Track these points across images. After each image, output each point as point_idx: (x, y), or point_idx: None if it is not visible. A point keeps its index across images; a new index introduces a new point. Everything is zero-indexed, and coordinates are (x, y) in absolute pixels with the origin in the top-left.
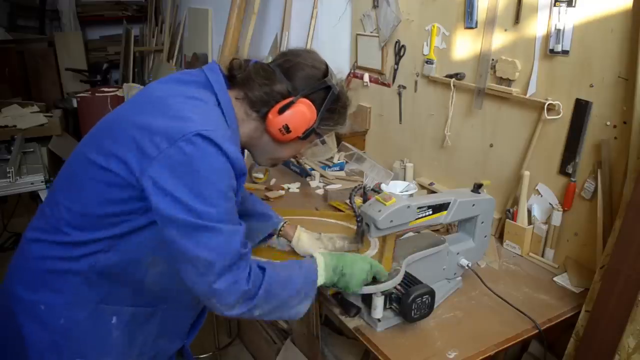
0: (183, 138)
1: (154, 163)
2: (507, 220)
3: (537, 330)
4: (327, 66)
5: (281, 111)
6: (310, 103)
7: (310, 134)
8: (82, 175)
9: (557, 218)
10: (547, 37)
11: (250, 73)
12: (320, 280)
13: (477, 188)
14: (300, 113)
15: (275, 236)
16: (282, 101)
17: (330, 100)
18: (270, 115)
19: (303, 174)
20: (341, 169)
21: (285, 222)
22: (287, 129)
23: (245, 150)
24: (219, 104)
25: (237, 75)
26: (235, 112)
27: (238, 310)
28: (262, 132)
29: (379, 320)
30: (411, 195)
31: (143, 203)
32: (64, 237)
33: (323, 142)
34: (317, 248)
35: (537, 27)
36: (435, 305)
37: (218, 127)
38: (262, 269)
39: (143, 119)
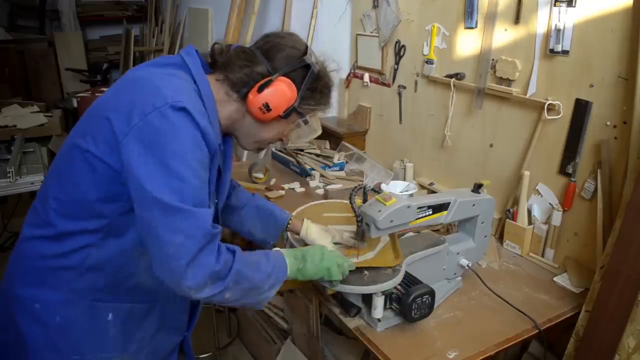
0: (154, 111)
1: (126, 139)
2: (507, 220)
3: (537, 330)
4: (307, 47)
5: (260, 89)
6: (290, 82)
7: (291, 112)
8: (68, 164)
9: (557, 218)
10: (547, 37)
11: (231, 56)
12: (288, 269)
13: (477, 188)
14: (280, 91)
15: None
16: (262, 80)
17: (311, 79)
18: (250, 95)
19: (303, 174)
20: (341, 169)
21: (291, 217)
22: (267, 107)
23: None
24: (194, 82)
25: (219, 59)
26: (215, 94)
27: (208, 292)
28: (243, 114)
29: (379, 320)
30: (411, 195)
31: (126, 186)
32: (54, 230)
33: (306, 122)
34: (326, 239)
35: (537, 27)
36: (435, 305)
37: (190, 99)
38: (232, 251)
39: (117, 99)
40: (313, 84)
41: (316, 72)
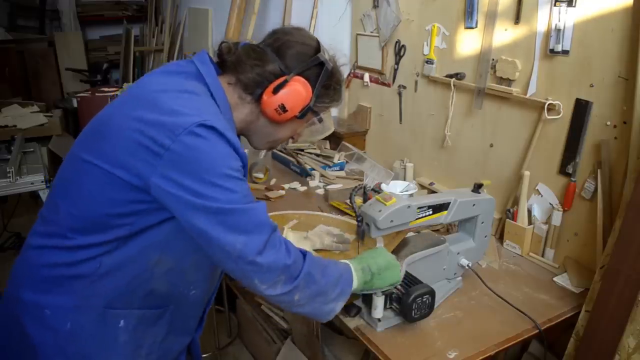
0: (185, 132)
1: (162, 162)
2: (507, 220)
3: (537, 330)
4: (318, 42)
5: (276, 91)
6: (305, 81)
7: (307, 112)
8: (80, 178)
9: (557, 218)
10: (547, 37)
11: (240, 56)
12: (355, 282)
13: (477, 188)
14: (296, 91)
15: None
16: (276, 81)
17: (325, 77)
18: (264, 97)
19: (303, 173)
20: (341, 169)
21: None
22: (283, 108)
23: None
24: (211, 94)
25: (227, 59)
26: (228, 99)
27: (280, 290)
28: (257, 115)
29: (379, 320)
30: (411, 195)
31: (151, 203)
32: (69, 242)
33: (320, 121)
34: (306, 247)
35: (537, 26)
36: (436, 305)
37: (215, 116)
38: (303, 252)
39: (138, 117)
40: (327, 82)
41: (330, 70)
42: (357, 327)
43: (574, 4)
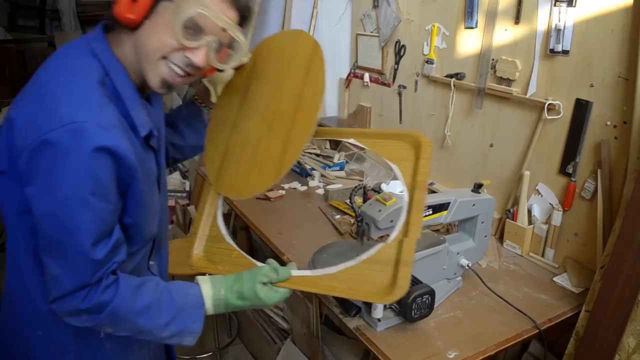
0: (47, 134)
1: (21, 158)
2: (507, 220)
3: (537, 330)
4: None
5: None
6: None
7: None
8: None
9: (557, 218)
10: (547, 37)
11: None
12: (209, 311)
13: (477, 188)
14: None
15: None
16: None
17: None
18: (114, 6)
19: (303, 173)
20: (341, 169)
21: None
22: None
23: None
24: (107, 74)
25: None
26: (125, 57)
27: (80, 322)
28: (129, 36)
29: (379, 320)
30: None
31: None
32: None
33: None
34: None
35: (537, 26)
36: (435, 305)
37: (93, 110)
38: (115, 288)
39: (14, 111)
40: None
41: None
42: (357, 327)
43: (574, 4)
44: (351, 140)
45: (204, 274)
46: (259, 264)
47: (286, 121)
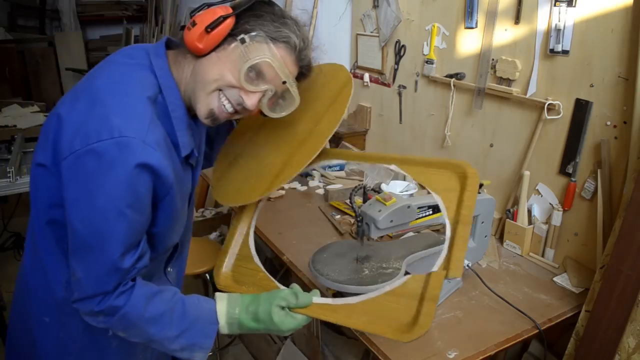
0: (96, 143)
1: (65, 162)
2: (507, 220)
3: (537, 330)
4: None
5: (194, 22)
6: (227, 7)
7: (218, 22)
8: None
9: (557, 218)
10: (547, 37)
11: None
12: (223, 329)
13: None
14: (211, 11)
15: None
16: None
17: (252, 2)
18: (186, 30)
19: (303, 173)
20: (341, 169)
21: None
22: (193, 24)
23: None
24: (160, 91)
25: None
26: (180, 78)
27: (97, 322)
28: (191, 61)
29: None
30: (411, 195)
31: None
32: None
33: (242, 42)
34: None
35: (537, 26)
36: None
37: (142, 127)
38: (127, 296)
39: (65, 109)
40: (258, 10)
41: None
42: None
43: (574, 4)
44: (392, 167)
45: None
46: (282, 287)
47: (295, 143)
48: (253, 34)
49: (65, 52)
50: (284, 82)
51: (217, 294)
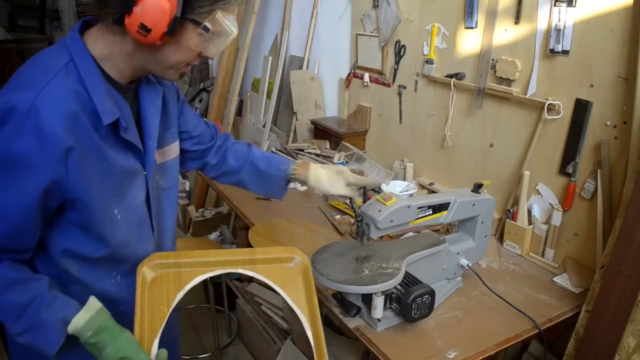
0: None
1: None
2: (507, 220)
3: (537, 330)
4: None
5: (129, 9)
6: None
7: (176, 24)
8: None
9: (557, 218)
10: (547, 37)
11: None
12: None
13: (477, 188)
14: (151, 4)
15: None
16: None
17: None
18: (126, 21)
19: None
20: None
21: (295, 167)
22: (144, 28)
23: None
24: (72, 60)
25: (94, 5)
26: (102, 50)
27: None
28: (134, 45)
29: (379, 320)
30: (411, 195)
31: None
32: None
33: (206, 30)
34: (339, 184)
35: (537, 26)
36: (435, 305)
37: (32, 94)
38: None
39: None
40: None
41: None
42: (357, 327)
43: (574, 4)
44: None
45: None
46: (155, 348)
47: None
48: (208, 16)
49: None
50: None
51: (91, 300)
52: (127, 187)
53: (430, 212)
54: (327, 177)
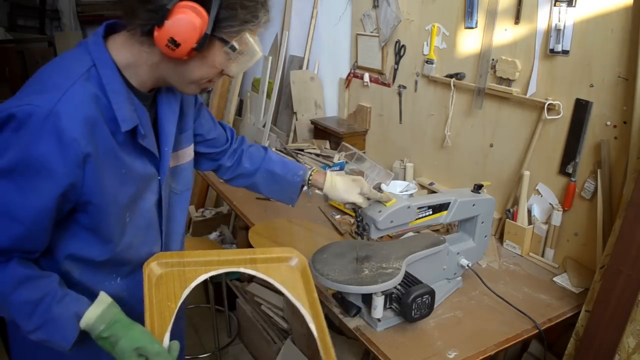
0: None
1: None
2: (507, 220)
3: (537, 330)
4: None
5: (161, 23)
6: (195, 5)
7: (205, 41)
8: None
9: (557, 218)
10: (547, 37)
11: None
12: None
13: (477, 188)
14: (183, 20)
15: (305, 187)
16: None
17: None
18: (156, 33)
19: None
20: (341, 169)
21: (311, 174)
22: (174, 42)
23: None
24: (94, 65)
25: (121, 14)
26: (126, 58)
27: None
28: (160, 57)
29: (379, 320)
30: (411, 195)
31: None
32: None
33: (233, 49)
34: (355, 191)
35: (537, 26)
36: (435, 305)
37: (52, 99)
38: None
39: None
40: (227, 1)
41: None
42: (357, 327)
43: (574, 4)
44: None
45: None
46: (167, 340)
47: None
48: (236, 36)
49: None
50: None
51: (102, 295)
52: (142, 192)
53: (430, 212)
54: (343, 184)
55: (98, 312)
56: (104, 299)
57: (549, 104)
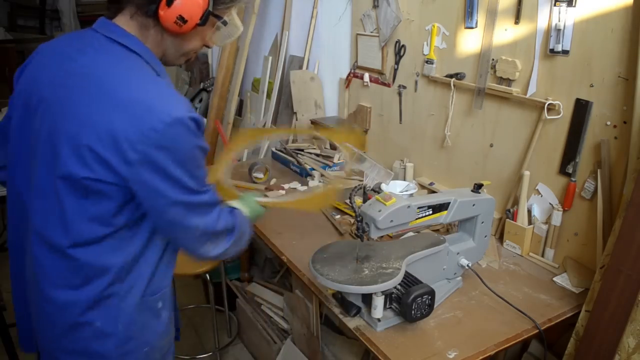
0: (158, 133)
1: (138, 166)
2: (507, 220)
3: (537, 330)
4: None
5: (169, 2)
6: None
7: (207, 17)
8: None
9: (557, 218)
10: (547, 37)
11: None
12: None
13: (477, 188)
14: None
15: None
16: None
17: None
18: (161, 12)
19: (303, 173)
20: (341, 169)
21: None
22: (182, 19)
23: (246, 152)
24: (145, 60)
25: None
26: (145, 42)
27: (223, 246)
28: (162, 34)
29: (379, 320)
30: (411, 195)
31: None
32: (82, 277)
33: (225, 24)
34: None
35: (537, 26)
36: (435, 305)
37: (178, 100)
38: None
39: (86, 117)
40: None
41: None
42: (357, 327)
43: (574, 4)
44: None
45: None
46: (240, 194)
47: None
48: (227, 11)
49: None
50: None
51: (238, 204)
52: None
53: (430, 212)
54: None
55: (244, 208)
56: (240, 204)
57: (549, 104)
